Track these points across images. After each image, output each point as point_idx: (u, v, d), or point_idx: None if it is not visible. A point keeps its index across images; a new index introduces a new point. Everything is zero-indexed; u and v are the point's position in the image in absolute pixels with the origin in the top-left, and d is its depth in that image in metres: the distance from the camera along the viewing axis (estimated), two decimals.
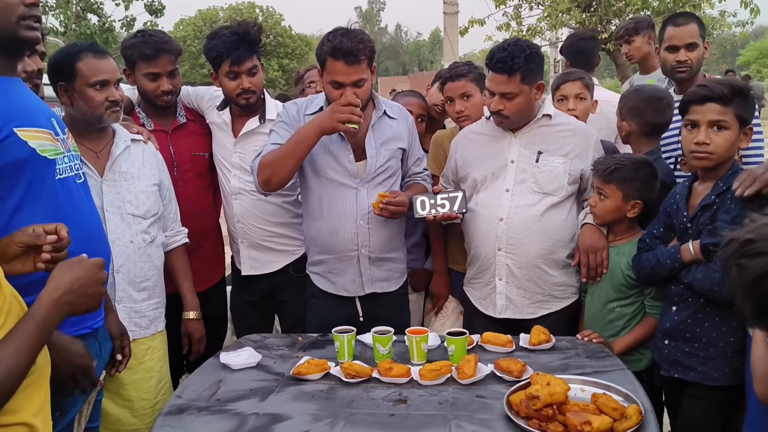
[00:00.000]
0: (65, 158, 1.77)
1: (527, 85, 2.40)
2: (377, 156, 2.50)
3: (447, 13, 11.69)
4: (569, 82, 2.98)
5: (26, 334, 1.21)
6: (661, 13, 11.49)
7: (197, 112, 2.92)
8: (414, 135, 2.67)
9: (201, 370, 2.15)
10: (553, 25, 11.87)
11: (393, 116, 2.58)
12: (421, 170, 2.72)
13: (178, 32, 36.27)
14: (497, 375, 1.96)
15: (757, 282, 1.04)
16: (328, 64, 2.37)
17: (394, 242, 2.59)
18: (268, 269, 2.85)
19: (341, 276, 2.56)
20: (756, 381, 1.53)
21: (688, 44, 2.84)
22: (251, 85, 2.70)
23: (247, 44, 2.66)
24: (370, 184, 2.50)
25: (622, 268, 2.36)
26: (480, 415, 1.74)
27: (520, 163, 2.50)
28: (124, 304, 2.29)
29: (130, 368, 2.22)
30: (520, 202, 2.46)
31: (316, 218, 2.55)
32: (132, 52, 2.62)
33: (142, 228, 2.33)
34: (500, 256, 2.48)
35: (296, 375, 2.02)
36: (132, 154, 2.37)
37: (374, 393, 1.91)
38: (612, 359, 2.11)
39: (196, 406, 1.87)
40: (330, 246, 2.54)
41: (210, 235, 2.92)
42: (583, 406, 1.68)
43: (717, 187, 2.08)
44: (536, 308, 2.50)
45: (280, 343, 2.37)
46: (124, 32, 14.43)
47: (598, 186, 2.40)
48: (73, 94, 2.20)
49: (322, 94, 2.59)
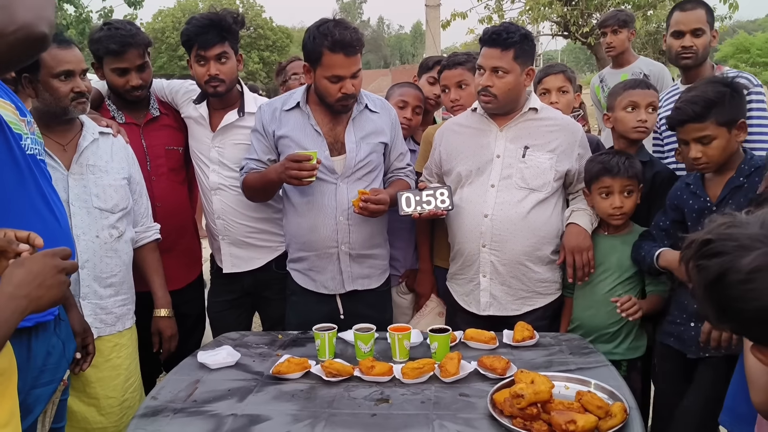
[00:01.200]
0: (29, 140, 1.70)
1: (519, 65, 2.39)
2: (357, 150, 2.46)
3: (429, 5, 11.62)
4: (551, 75, 2.97)
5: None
6: (641, 7, 11.57)
7: (171, 106, 2.84)
8: (397, 129, 2.63)
9: (177, 370, 2.09)
10: (534, 18, 11.90)
11: (375, 110, 2.53)
12: (404, 166, 2.68)
13: (157, 23, 35.77)
14: (481, 372, 1.94)
15: (716, 282, 1.03)
16: (326, 59, 2.32)
17: (375, 239, 2.55)
18: (251, 266, 2.78)
19: (321, 273, 2.52)
20: (752, 391, 1.53)
21: (694, 30, 2.78)
22: (219, 72, 2.59)
23: (217, 29, 2.57)
24: (349, 179, 2.46)
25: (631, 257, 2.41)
26: (463, 414, 1.71)
27: (506, 158, 2.46)
28: (89, 300, 2.23)
29: (96, 366, 2.18)
30: (505, 198, 2.43)
31: (295, 214, 2.51)
32: (98, 47, 2.54)
33: (110, 223, 2.27)
34: (484, 252, 2.45)
35: (276, 374, 1.97)
36: (100, 147, 2.31)
37: (356, 392, 1.87)
38: (596, 355, 2.10)
39: (171, 407, 1.81)
40: (310, 243, 2.49)
41: (186, 231, 2.85)
42: (568, 404, 1.66)
43: (742, 170, 2.16)
44: (520, 305, 2.48)
45: (260, 341, 2.32)
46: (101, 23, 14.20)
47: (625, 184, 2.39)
48: (38, 85, 2.14)
49: (301, 89, 2.54)
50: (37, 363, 1.72)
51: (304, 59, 2.43)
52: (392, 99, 2.93)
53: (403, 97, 2.90)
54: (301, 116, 2.48)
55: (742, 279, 1.00)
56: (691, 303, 2.20)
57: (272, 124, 2.48)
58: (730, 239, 1.04)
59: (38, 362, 1.73)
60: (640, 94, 2.53)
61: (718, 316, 1.07)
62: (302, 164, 2.28)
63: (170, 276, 2.71)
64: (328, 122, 2.48)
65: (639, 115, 2.51)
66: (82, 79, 2.20)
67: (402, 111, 2.87)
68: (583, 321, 2.47)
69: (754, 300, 0.99)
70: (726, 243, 1.04)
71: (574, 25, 11.69)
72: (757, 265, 0.99)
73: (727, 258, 1.02)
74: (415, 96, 2.91)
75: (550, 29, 13.24)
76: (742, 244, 1.02)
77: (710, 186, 2.23)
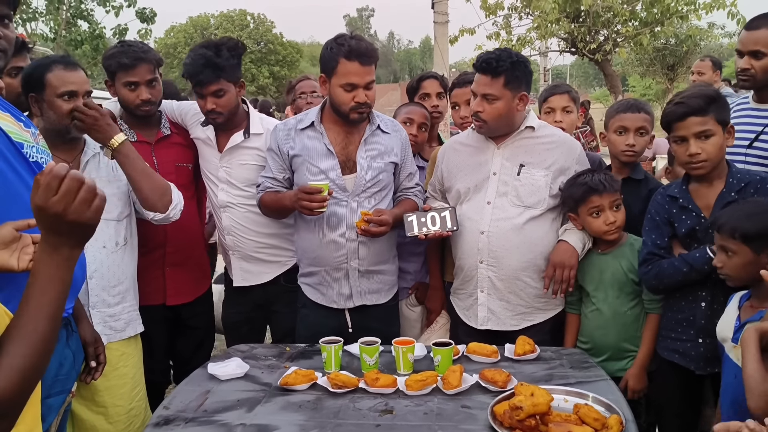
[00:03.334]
0: (33, 148, 1.76)
1: (510, 90, 2.42)
2: (368, 169, 2.53)
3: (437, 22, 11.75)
4: (556, 95, 3.03)
5: (33, 302, 1.09)
6: (648, 23, 11.65)
7: (182, 126, 2.93)
8: (407, 150, 2.70)
9: (188, 381, 2.16)
10: (542, 35, 11.99)
11: (386, 131, 2.61)
12: (413, 185, 2.74)
13: (169, 39, 36.22)
14: (482, 385, 1.99)
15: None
16: (341, 66, 2.40)
17: (383, 255, 2.61)
18: (260, 280, 2.86)
19: (331, 288, 2.58)
20: (750, 396, 1.57)
21: (752, 51, 2.55)
22: (215, 106, 2.68)
23: (212, 68, 2.64)
24: (360, 197, 2.53)
25: (624, 270, 2.41)
26: (465, 426, 1.76)
27: (502, 176, 2.52)
28: (98, 309, 2.31)
29: (104, 375, 2.24)
30: (500, 215, 2.48)
31: (307, 230, 2.58)
32: (111, 62, 2.64)
33: (115, 232, 2.37)
34: (482, 268, 2.51)
35: (284, 385, 2.03)
36: (101, 160, 2.40)
37: (361, 403, 1.93)
38: (595, 369, 2.14)
39: (183, 417, 1.88)
40: (320, 258, 2.56)
41: (196, 246, 2.93)
42: (566, 416, 1.71)
43: (731, 184, 2.18)
44: (519, 320, 2.52)
45: (268, 353, 2.38)
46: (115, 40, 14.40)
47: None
48: (43, 104, 2.25)
49: (315, 109, 2.61)
50: (51, 373, 1.79)
51: (321, 71, 2.51)
52: (399, 117, 3.02)
53: (408, 115, 2.99)
54: (315, 135, 2.55)
55: None
56: (699, 319, 2.20)
57: (287, 143, 2.56)
58: None
59: (52, 373, 1.80)
60: (630, 118, 2.55)
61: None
62: (313, 196, 2.36)
63: (180, 290, 2.80)
64: (341, 141, 2.56)
65: (627, 139, 2.54)
66: (85, 99, 2.29)
67: (408, 128, 2.95)
68: (594, 340, 2.48)
69: None
70: None
71: (581, 41, 11.79)
72: None
73: None
74: (420, 114, 3.00)
75: (557, 45, 13.34)
76: None
77: (698, 198, 2.23)
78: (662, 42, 15.56)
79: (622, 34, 11.89)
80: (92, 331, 2.11)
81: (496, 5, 11.99)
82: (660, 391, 2.40)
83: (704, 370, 2.20)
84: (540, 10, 11.26)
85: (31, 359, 1.08)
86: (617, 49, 12.05)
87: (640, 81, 29.91)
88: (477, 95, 2.47)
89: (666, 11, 11.34)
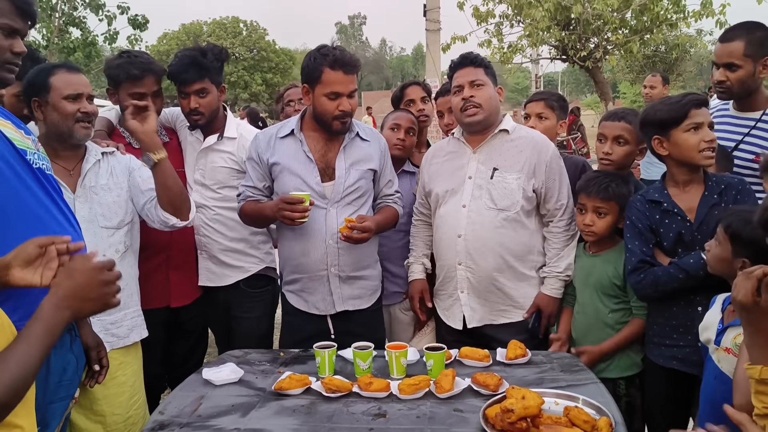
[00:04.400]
0: (35, 155, 1.78)
1: (490, 79, 2.59)
2: (346, 177, 2.57)
3: (429, 30, 11.83)
4: (533, 102, 3.08)
5: (34, 335, 1.25)
6: (638, 31, 11.77)
7: (174, 131, 2.99)
8: (386, 157, 2.74)
9: (183, 386, 2.17)
10: (533, 42, 12.10)
11: (365, 138, 2.66)
12: (392, 192, 2.78)
13: (162, 46, 36.23)
14: (474, 389, 2.01)
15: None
16: (325, 76, 2.45)
17: (365, 261, 2.65)
18: (222, 282, 2.93)
19: (313, 294, 2.62)
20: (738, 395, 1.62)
21: (726, 64, 2.60)
22: (198, 105, 2.78)
23: (197, 67, 2.75)
24: (339, 204, 2.56)
25: (609, 276, 2.45)
26: (457, 429, 1.78)
27: (477, 179, 2.58)
28: (98, 318, 2.30)
29: (103, 383, 2.25)
30: (476, 218, 2.55)
31: (288, 239, 2.61)
32: (118, 72, 2.67)
33: (116, 239, 2.38)
34: (460, 270, 2.58)
35: (278, 390, 2.05)
36: (102, 167, 2.42)
37: (354, 407, 1.95)
38: (585, 373, 2.17)
39: (177, 422, 1.89)
40: (301, 265, 2.59)
41: (192, 250, 2.96)
42: (556, 419, 1.74)
43: (711, 187, 2.23)
44: (497, 315, 2.60)
45: (262, 358, 2.40)
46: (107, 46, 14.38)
47: (597, 205, 2.50)
48: (47, 107, 2.26)
49: (295, 118, 2.66)
50: (55, 378, 1.81)
51: (303, 81, 2.55)
52: (386, 124, 3.08)
53: (395, 121, 3.04)
54: (295, 143, 2.59)
55: None
56: (697, 323, 2.17)
57: (267, 152, 2.59)
58: None
59: (56, 378, 1.81)
60: (608, 126, 2.58)
61: None
62: (294, 206, 2.39)
63: (178, 293, 2.84)
64: (321, 149, 2.59)
65: (604, 146, 2.58)
66: (89, 102, 2.31)
67: (395, 133, 3.01)
68: (578, 340, 2.54)
69: None
70: None
71: (572, 49, 11.89)
72: None
73: None
74: (407, 119, 3.04)
75: (548, 53, 13.44)
76: None
77: (680, 201, 2.25)
78: (652, 49, 15.68)
79: (612, 41, 12.01)
80: (94, 335, 2.11)
81: (487, 13, 12.11)
82: (653, 397, 2.42)
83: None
84: (531, 18, 11.37)
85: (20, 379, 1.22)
86: (607, 57, 12.16)
87: (631, 88, 30.14)
88: (463, 86, 2.55)
89: (655, 19, 11.47)
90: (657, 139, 2.27)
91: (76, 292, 1.35)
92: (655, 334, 2.35)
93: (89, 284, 1.38)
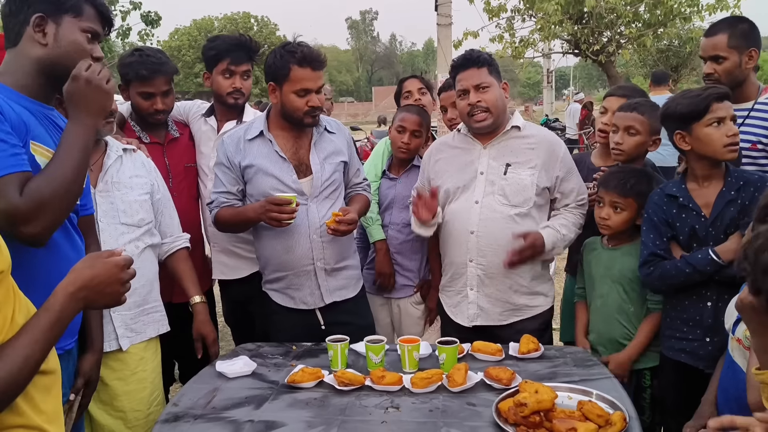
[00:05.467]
0: None
1: (494, 78, 2.53)
2: (322, 171, 2.57)
3: (440, 24, 11.77)
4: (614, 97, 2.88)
5: (41, 327, 1.24)
6: (651, 25, 11.65)
7: (186, 126, 3.01)
8: (351, 147, 2.76)
9: (197, 379, 2.19)
10: (545, 36, 12.00)
11: (332, 131, 2.67)
12: (361, 180, 2.79)
13: (173, 41, 36.38)
14: (487, 383, 2.01)
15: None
16: (294, 73, 2.45)
17: (346, 251, 2.66)
18: (237, 275, 2.94)
19: (300, 290, 2.60)
20: (751, 392, 1.60)
21: (712, 56, 2.69)
22: (242, 86, 2.91)
23: (246, 50, 2.90)
24: (318, 198, 2.56)
25: (632, 268, 2.42)
26: (470, 423, 1.78)
27: (489, 175, 2.56)
28: (119, 313, 2.31)
29: (123, 379, 2.26)
30: (488, 215, 2.52)
31: (269, 238, 2.58)
32: (128, 71, 2.68)
33: (135, 236, 2.36)
34: (471, 267, 2.55)
35: (290, 383, 2.06)
36: (124, 164, 2.41)
37: (367, 400, 1.95)
38: (599, 368, 2.16)
39: (192, 413, 1.90)
40: (286, 263, 2.58)
41: (198, 245, 2.97)
42: (569, 413, 1.73)
43: (730, 183, 2.20)
44: (507, 316, 2.57)
45: (275, 351, 2.41)
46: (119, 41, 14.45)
47: (614, 200, 2.46)
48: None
49: (260, 118, 2.63)
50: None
51: (269, 80, 2.53)
52: (394, 123, 3.07)
53: (401, 123, 3.02)
54: (265, 144, 2.56)
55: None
56: (706, 318, 2.21)
57: (237, 155, 2.56)
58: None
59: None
60: (620, 117, 2.56)
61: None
62: (283, 207, 2.39)
63: (181, 289, 2.82)
64: (291, 146, 2.58)
65: (615, 136, 2.57)
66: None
67: (400, 135, 2.99)
68: (600, 333, 2.53)
69: None
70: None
71: (584, 43, 11.79)
72: None
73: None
74: (413, 121, 3.02)
75: (561, 47, 13.36)
76: None
77: (697, 197, 2.24)
78: (665, 43, 15.57)
79: (625, 35, 11.90)
80: (93, 366, 2.07)
81: (499, 7, 12.02)
82: (665, 389, 2.42)
83: (713, 369, 2.20)
84: (543, 12, 11.28)
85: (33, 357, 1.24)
86: (620, 51, 12.04)
87: (644, 82, 29.91)
88: (469, 90, 2.52)
89: (669, 13, 11.35)
90: (679, 134, 2.24)
91: (93, 284, 1.35)
92: (667, 326, 2.36)
93: (108, 278, 1.38)
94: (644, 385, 2.47)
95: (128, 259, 1.46)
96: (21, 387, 1.20)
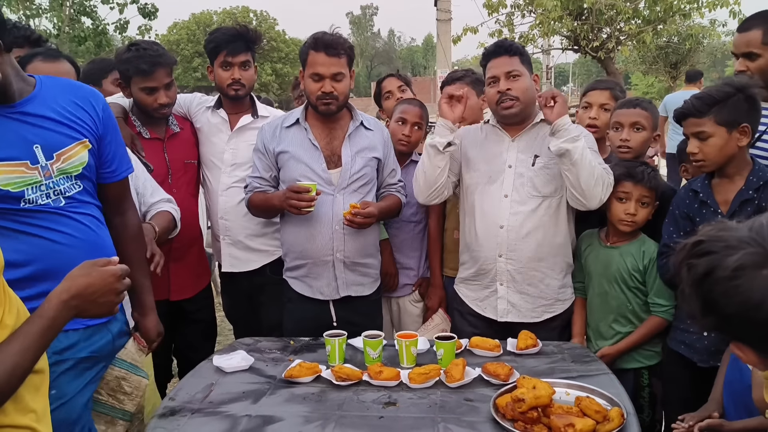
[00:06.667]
0: (41, 186, 1.73)
1: (526, 68, 2.49)
2: (352, 164, 2.58)
3: (440, 20, 11.77)
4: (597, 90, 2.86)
5: (32, 334, 1.23)
6: (651, 21, 11.64)
7: (186, 120, 2.97)
8: (389, 147, 2.75)
9: (194, 373, 2.19)
10: (545, 32, 11.98)
11: (369, 127, 2.67)
12: (395, 182, 2.78)
13: (172, 36, 36.24)
14: (485, 378, 2.01)
15: (703, 278, 1.09)
16: (310, 57, 2.51)
17: (368, 249, 2.66)
18: (247, 267, 2.93)
19: (317, 279, 2.62)
20: (756, 389, 1.60)
21: (745, 53, 2.50)
22: (241, 77, 2.87)
23: (244, 40, 2.87)
24: (346, 190, 2.57)
25: (629, 268, 2.42)
26: (467, 418, 1.78)
27: (518, 168, 2.51)
28: None
29: None
30: (519, 208, 2.48)
31: (293, 225, 2.61)
32: (127, 67, 2.64)
33: None
34: (501, 262, 2.50)
35: (288, 378, 2.05)
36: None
37: (364, 396, 1.95)
38: (597, 364, 2.16)
39: (189, 408, 1.90)
40: (307, 251, 2.60)
41: (197, 241, 2.96)
42: (567, 408, 1.73)
43: (750, 182, 2.17)
44: (540, 312, 2.52)
45: (273, 346, 2.40)
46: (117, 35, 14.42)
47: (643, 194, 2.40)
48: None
49: (300, 107, 2.68)
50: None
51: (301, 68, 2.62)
52: (393, 116, 3.05)
53: (402, 114, 3.00)
54: (300, 132, 2.61)
55: (727, 276, 1.05)
56: None
57: (272, 142, 2.61)
58: (720, 240, 1.10)
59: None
60: (624, 113, 2.54)
61: (702, 312, 1.13)
62: (302, 195, 2.41)
63: (184, 285, 2.84)
64: (326, 137, 2.61)
65: (621, 134, 2.53)
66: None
67: (401, 127, 2.98)
68: (599, 331, 2.52)
69: (737, 296, 1.05)
70: (715, 243, 1.10)
71: (584, 39, 11.77)
72: (742, 263, 1.04)
73: (716, 257, 1.08)
74: (414, 113, 3.00)
75: (560, 43, 13.33)
76: (730, 245, 1.08)
77: (719, 193, 2.23)
78: (665, 40, 15.48)
79: (624, 32, 11.88)
80: (157, 323, 2.16)
81: (498, 3, 11.99)
82: (668, 384, 2.42)
83: (707, 363, 2.22)
84: (542, 8, 11.26)
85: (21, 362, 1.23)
86: (620, 47, 12.02)
87: (643, 79, 29.87)
88: (499, 77, 2.47)
89: (669, 9, 11.33)
90: None
91: (88, 292, 1.33)
92: (675, 318, 2.38)
93: (103, 287, 1.36)
94: (643, 384, 2.47)
95: (124, 268, 1.42)
96: (9, 393, 1.20)
